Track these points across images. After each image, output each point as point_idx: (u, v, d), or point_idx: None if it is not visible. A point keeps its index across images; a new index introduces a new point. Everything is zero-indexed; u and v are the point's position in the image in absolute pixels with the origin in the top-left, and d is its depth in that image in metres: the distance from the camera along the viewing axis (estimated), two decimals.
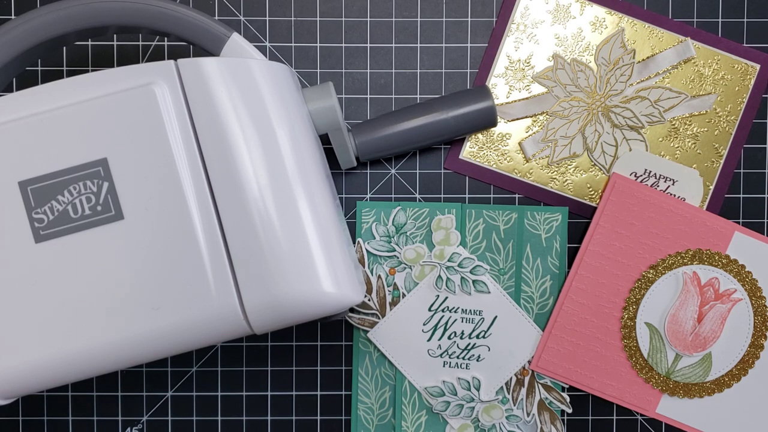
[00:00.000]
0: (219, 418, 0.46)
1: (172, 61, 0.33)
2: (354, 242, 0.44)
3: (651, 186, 0.45)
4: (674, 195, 0.45)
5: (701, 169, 0.45)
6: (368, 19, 0.45)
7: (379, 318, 0.45)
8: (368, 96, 0.45)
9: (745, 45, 0.45)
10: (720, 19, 0.45)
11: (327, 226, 0.35)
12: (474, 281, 0.44)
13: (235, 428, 0.46)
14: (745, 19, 0.45)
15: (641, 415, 0.45)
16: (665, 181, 0.45)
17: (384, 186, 0.46)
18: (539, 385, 0.45)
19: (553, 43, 0.45)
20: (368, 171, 0.46)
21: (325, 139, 0.42)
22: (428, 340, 0.45)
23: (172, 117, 0.32)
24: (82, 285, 0.32)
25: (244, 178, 0.32)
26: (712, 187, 0.45)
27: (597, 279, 0.44)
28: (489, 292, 0.44)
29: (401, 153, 0.44)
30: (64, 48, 0.45)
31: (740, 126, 0.45)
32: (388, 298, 0.45)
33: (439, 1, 0.45)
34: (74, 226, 0.32)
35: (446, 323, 0.45)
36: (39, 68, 0.45)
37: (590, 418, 0.46)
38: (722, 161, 0.45)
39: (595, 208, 0.45)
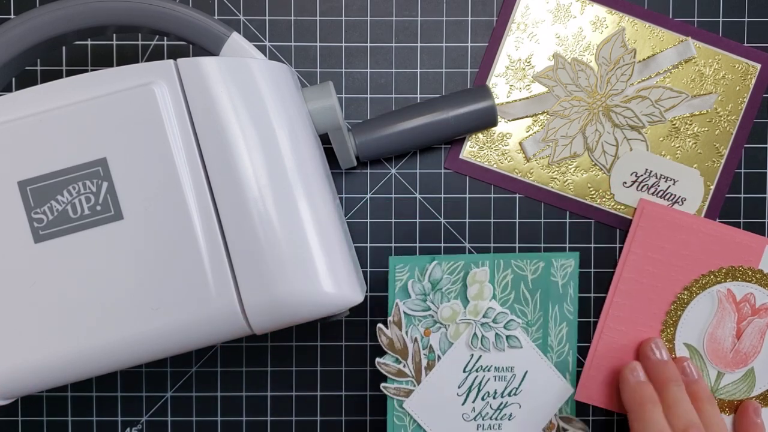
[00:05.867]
0: (219, 418, 0.46)
1: (171, 61, 0.33)
2: (391, 303, 0.43)
3: (652, 186, 0.45)
4: (675, 195, 0.45)
5: (702, 169, 0.45)
6: (368, 18, 0.45)
7: (415, 386, 0.43)
8: (368, 96, 0.45)
9: (745, 45, 0.45)
10: (721, 19, 0.45)
11: (327, 226, 0.35)
12: (507, 336, 0.43)
13: (235, 428, 0.46)
14: (746, 19, 0.45)
15: None
16: (666, 181, 0.45)
17: (384, 186, 0.46)
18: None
19: (553, 43, 0.45)
20: (368, 171, 0.46)
21: (325, 139, 0.41)
22: (463, 404, 0.44)
23: (171, 116, 0.32)
24: (82, 285, 0.32)
25: (244, 177, 0.32)
26: (712, 187, 0.45)
27: (633, 305, 0.44)
28: (521, 347, 0.43)
29: (401, 153, 0.44)
30: (64, 48, 0.45)
31: (741, 126, 0.45)
32: (424, 363, 0.43)
33: (440, 1, 0.45)
34: (74, 226, 0.32)
35: (480, 383, 0.44)
36: (38, 68, 0.45)
37: (591, 418, 0.46)
38: (723, 161, 0.45)
39: (593, 209, 0.45)
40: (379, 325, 0.43)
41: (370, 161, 0.46)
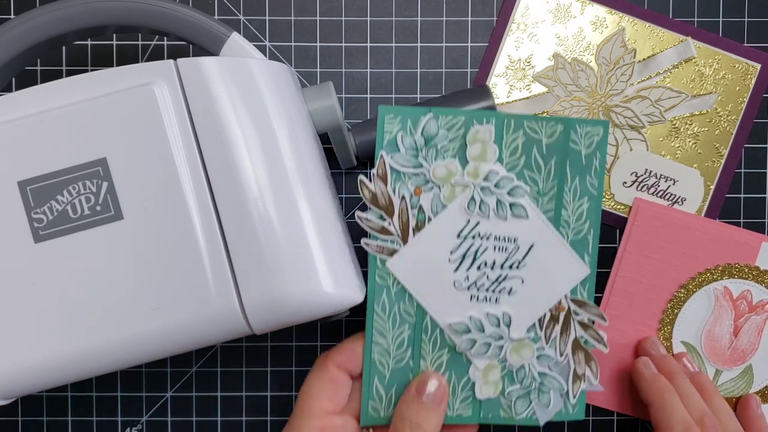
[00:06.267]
0: (219, 418, 0.46)
1: (171, 61, 0.33)
2: (376, 155, 0.38)
3: (651, 186, 0.45)
4: (675, 195, 0.45)
5: (702, 169, 0.45)
6: (368, 18, 0.45)
7: (400, 245, 0.39)
8: (368, 96, 0.45)
9: (745, 44, 0.45)
10: (721, 19, 0.45)
11: (327, 226, 0.35)
12: (511, 204, 0.39)
13: (235, 428, 0.46)
14: (746, 19, 0.45)
15: None
16: (666, 181, 0.45)
17: None
18: (575, 323, 0.40)
19: (553, 43, 0.45)
20: (368, 171, 0.46)
21: (325, 139, 0.41)
22: (455, 271, 0.39)
23: (171, 116, 0.32)
24: (82, 285, 0.32)
25: (244, 177, 0.32)
26: (712, 187, 0.45)
27: (630, 303, 0.44)
28: (527, 217, 0.39)
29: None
30: (64, 48, 0.45)
31: (741, 126, 0.45)
32: (412, 223, 0.38)
33: (440, 1, 0.45)
34: (74, 226, 0.32)
35: (476, 252, 0.39)
36: (38, 68, 0.45)
37: (591, 419, 0.46)
38: (723, 161, 0.45)
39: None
40: (360, 176, 0.38)
41: (370, 161, 0.46)
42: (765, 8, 0.45)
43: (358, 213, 0.38)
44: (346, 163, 0.42)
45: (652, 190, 0.45)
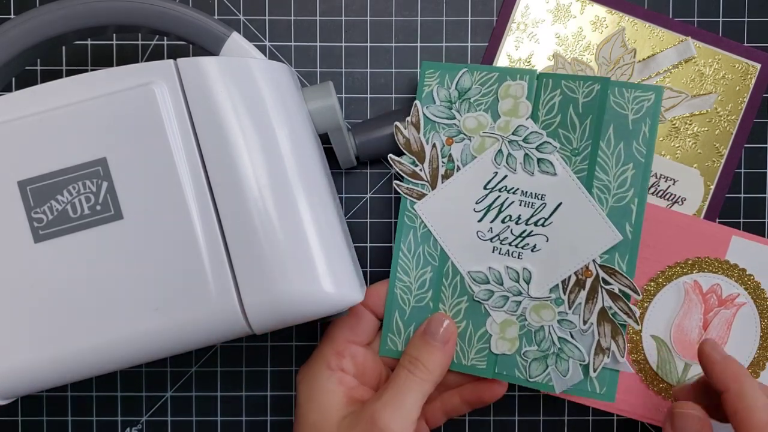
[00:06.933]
0: (219, 418, 0.46)
1: (171, 61, 0.33)
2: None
3: (651, 186, 0.45)
4: (675, 195, 0.45)
5: (702, 169, 0.45)
6: (368, 18, 0.45)
7: (428, 190, 0.40)
8: (368, 96, 0.45)
9: (745, 44, 0.45)
10: (721, 19, 0.45)
11: (327, 226, 0.35)
12: (539, 160, 0.39)
13: (235, 428, 0.46)
14: (746, 19, 0.45)
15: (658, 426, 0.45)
16: (666, 181, 0.45)
17: (384, 186, 0.46)
18: (603, 291, 0.39)
19: (553, 43, 0.45)
20: (368, 171, 0.46)
21: (325, 139, 0.41)
22: (479, 221, 0.40)
23: (171, 116, 0.32)
24: (82, 285, 0.32)
25: (244, 177, 0.32)
26: (712, 187, 0.45)
27: None
28: (555, 174, 0.39)
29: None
30: (64, 48, 0.45)
31: (741, 125, 0.45)
32: (441, 170, 0.40)
33: (440, 1, 0.45)
34: (73, 225, 0.32)
35: (501, 204, 0.39)
36: (38, 68, 0.45)
37: (591, 418, 0.46)
38: (723, 161, 0.45)
39: None
40: (396, 122, 0.41)
41: (370, 161, 0.46)
42: (765, 8, 0.45)
43: (391, 155, 0.41)
44: (346, 163, 0.42)
45: (652, 190, 0.45)
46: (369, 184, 0.46)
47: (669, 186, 0.45)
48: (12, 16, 0.45)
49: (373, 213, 0.46)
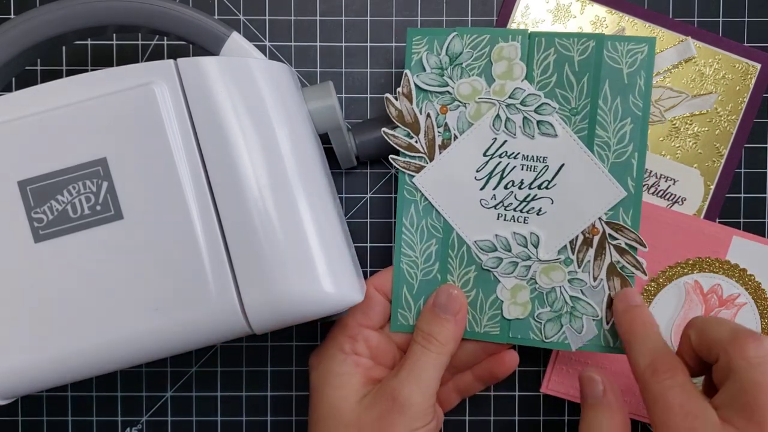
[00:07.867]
0: (219, 418, 0.46)
1: (171, 61, 0.33)
2: (402, 74, 0.39)
3: (652, 186, 0.45)
4: (675, 195, 0.45)
5: (702, 169, 0.45)
6: (368, 18, 0.45)
7: (426, 162, 0.39)
8: (368, 96, 0.45)
9: (745, 44, 0.45)
10: (721, 19, 0.45)
11: (327, 226, 0.35)
12: (539, 122, 0.38)
13: (235, 428, 0.46)
14: (746, 19, 0.45)
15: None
16: (666, 181, 0.45)
17: (384, 186, 0.46)
18: (611, 247, 0.39)
19: None
20: (368, 171, 0.46)
21: (325, 139, 0.41)
22: (481, 189, 0.39)
23: (171, 116, 0.32)
24: (82, 285, 0.32)
25: (244, 177, 0.32)
26: (713, 187, 0.45)
27: None
28: (556, 136, 0.38)
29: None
30: (64, 48, 0.45)
31: (741, 125, 0.45)
32: (438, 141, 0.39)
33: (440, 1, 0.45)
34: (74, 225, 0.32)
35: (503, 170, 0.39)
36: (38, 68, 0.45)
37: None
38: (723, 161, 0.45)
39: None
40: (387, 94, 0.40)
41: (370, 161, 0.46)
42: (765, 8, 0.45)
43: (384, 129, 0.40)
44: (346, 163, 0.42)
45: (652, 190, 0.45)
46: (369, 184, 0.46)
47: (669, 186, 0.45)
48: (12, 16, 0.45)
49: (373, 213, 0.46)
